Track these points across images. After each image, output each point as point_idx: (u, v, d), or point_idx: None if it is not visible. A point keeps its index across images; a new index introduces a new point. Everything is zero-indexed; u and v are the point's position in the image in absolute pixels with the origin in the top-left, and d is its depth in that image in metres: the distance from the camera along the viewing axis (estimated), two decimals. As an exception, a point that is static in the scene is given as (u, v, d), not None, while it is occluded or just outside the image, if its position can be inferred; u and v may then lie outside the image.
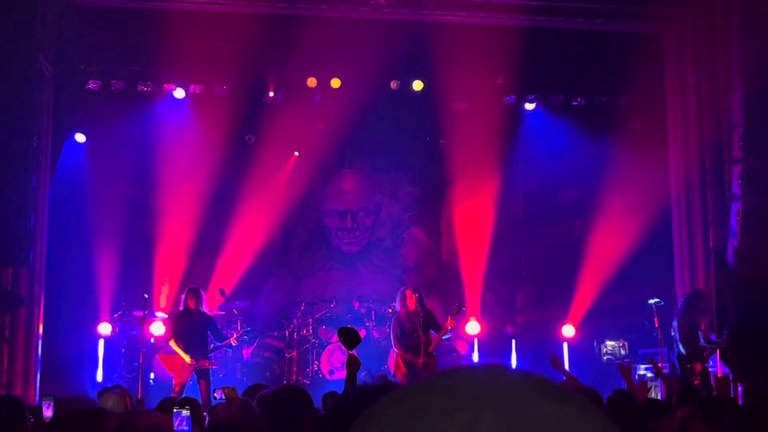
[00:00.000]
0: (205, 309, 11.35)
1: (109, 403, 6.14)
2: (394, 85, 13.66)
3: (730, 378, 11.17)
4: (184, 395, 9.43)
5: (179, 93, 13.36)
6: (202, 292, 11.35)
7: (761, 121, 11.63)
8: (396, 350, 10.92)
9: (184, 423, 5.38)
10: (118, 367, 12.58)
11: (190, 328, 10.97)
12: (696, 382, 10.37)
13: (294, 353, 13.13)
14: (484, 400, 0.68)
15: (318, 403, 7.02)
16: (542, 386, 0.71)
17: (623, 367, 8.35)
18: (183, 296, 11.26)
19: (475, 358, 13.22)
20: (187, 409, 5.52)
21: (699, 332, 11.16)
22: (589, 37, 13.22)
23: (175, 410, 5.53)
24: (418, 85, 13.72)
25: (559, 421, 0.67)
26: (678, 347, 11.18)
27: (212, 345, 11.26)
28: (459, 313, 11.06)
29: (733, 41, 12.05)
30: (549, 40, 13.06)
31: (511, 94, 14.05)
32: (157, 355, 11.36)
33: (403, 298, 10.98)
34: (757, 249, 11.52)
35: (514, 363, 13.26)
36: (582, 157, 14.26)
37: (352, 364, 5.53)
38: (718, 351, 11.16)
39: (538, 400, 0.69)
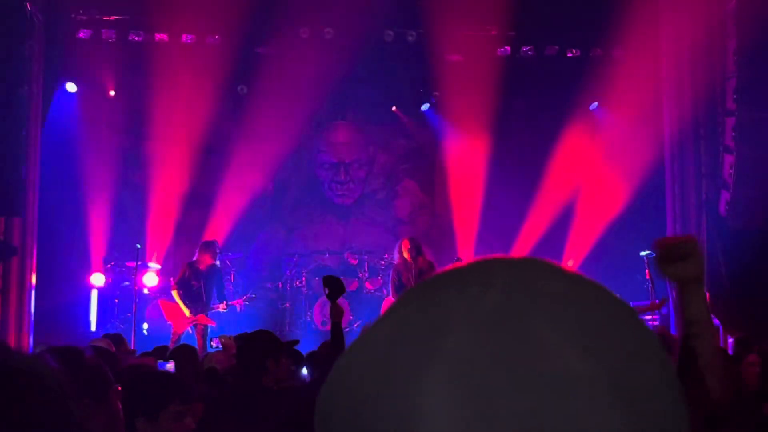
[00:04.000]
0: (216, 262, 11.40)
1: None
2: (387, 35, 13.55)
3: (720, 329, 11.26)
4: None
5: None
6: (216, 245, 11.38)
7: (755, 72, 11.57)
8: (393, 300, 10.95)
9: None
10: (112, 318, 12.64)
11: (195, 280, 11.04)
12: None
13: (287, 304, 13.20)
14: (497, 275, 0.70)
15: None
16: (561, 269, 0.72)
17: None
18: (197, 249, 11.35)
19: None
20: (172, 364, 5.56)
21: None
22: (585, -13, 13.11)
23: (159, 362, 5.57)
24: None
25: (573, 297, 0.69)
26: None
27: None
28: None
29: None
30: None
31: (506, 45, 13.95)
32: (158, 301, 11.42)
33: (401, 249, 11.01)
34: (750, 201, 11.53)
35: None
36: (575, 110, 14.21)
37: (336, 313, 5.56)
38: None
39: (552, 277, 0.70)
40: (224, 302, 11.37)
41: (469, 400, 0.63)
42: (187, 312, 10.93)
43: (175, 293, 11.11)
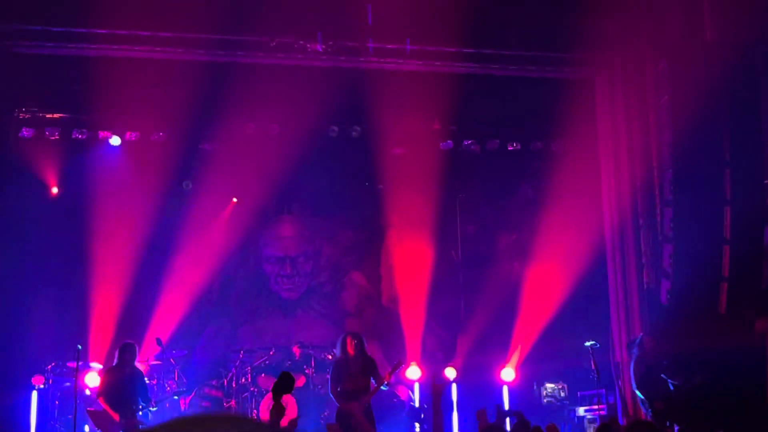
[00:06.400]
0: (137, 364, 11.18)
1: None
2: (332, 131, 13.73)
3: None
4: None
5: (115, 140, 13.26)
6: (136, 347, 11.16)
7: (690, 163, 11.91)
8: (332, 397, 10.79)
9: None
10: (52, 420, 12.26)
11: (121, 384, 10.76)
12: None
13: (233, 402, 12.93)
14: None
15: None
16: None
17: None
18: (117, 351, 11.06)
19: (416, 403, 13.18)
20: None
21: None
22: (524, 83, 13.46)
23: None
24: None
25: None
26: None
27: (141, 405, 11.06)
28: (397, 369, 11.04)
29: (661, 86, 12.36)
30: (484, 86, 13.28)
31: (448, 139, 14.21)
32: (86, 410, 11.11)
33: (344, 344, 10.90)
34: (690, 289, 11.72)
35: (454, 407, 13.27)
36: (518, 202, 14.45)
37: (276, 412, 5.49)
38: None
39: None
40: (151, 402, 11.14)
41: None
42: (115, 417, 10.64)
43: (101, 401, 10.82)
